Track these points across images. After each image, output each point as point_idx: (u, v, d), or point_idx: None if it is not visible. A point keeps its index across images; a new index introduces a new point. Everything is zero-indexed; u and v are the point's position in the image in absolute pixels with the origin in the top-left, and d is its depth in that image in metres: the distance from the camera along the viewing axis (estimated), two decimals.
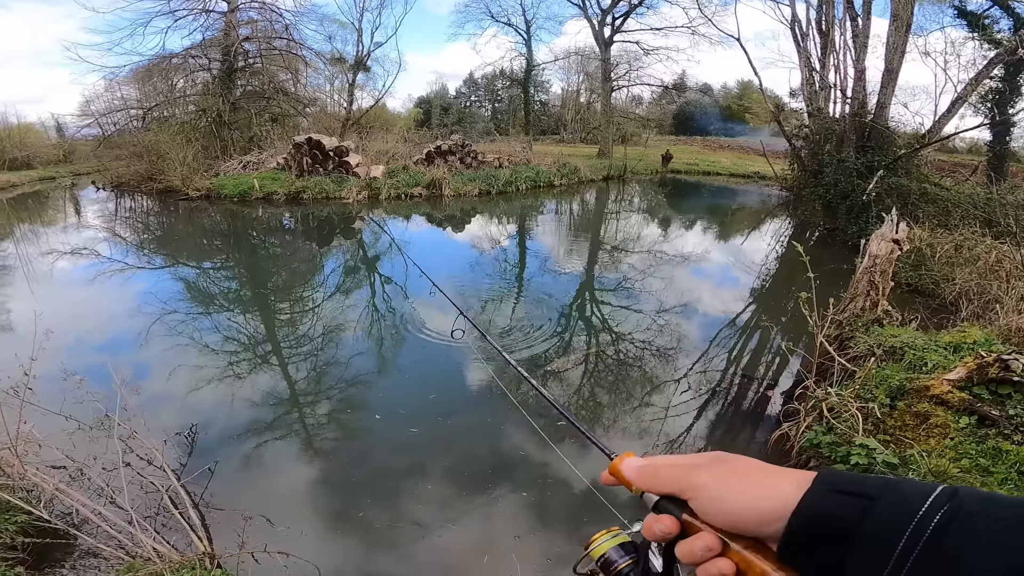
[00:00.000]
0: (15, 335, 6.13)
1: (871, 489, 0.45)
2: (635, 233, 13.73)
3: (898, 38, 12.02)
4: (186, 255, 10.98)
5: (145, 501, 3.25)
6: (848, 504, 0.45)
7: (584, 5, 27.40)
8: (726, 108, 43.57)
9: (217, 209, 15.84)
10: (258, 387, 5.02)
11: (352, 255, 11.13)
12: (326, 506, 3.49)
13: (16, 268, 9.61)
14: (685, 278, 9.27)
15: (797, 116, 18.89)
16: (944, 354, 4.25)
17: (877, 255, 5.70)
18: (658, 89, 34.46)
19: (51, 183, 24.42)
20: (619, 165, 24.63)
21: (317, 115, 25.42)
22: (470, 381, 5.28)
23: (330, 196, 16.61)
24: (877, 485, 0.46)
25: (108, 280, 8.72)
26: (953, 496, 0.42)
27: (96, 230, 13.55)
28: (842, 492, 0.46)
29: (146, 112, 21.56)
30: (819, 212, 13.33)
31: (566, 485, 3.67)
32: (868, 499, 0.44)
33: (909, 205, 10.50)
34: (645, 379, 5.37)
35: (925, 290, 7.63)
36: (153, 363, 5.52)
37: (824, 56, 14.12)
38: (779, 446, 3.94)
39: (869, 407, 3.64)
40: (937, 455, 3.17)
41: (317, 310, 7.54)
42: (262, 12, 22.24)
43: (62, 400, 3.83)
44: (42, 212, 17.86)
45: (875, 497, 0.44)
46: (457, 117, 41.74)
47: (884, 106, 12.53)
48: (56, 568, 2.87)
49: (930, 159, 13.89)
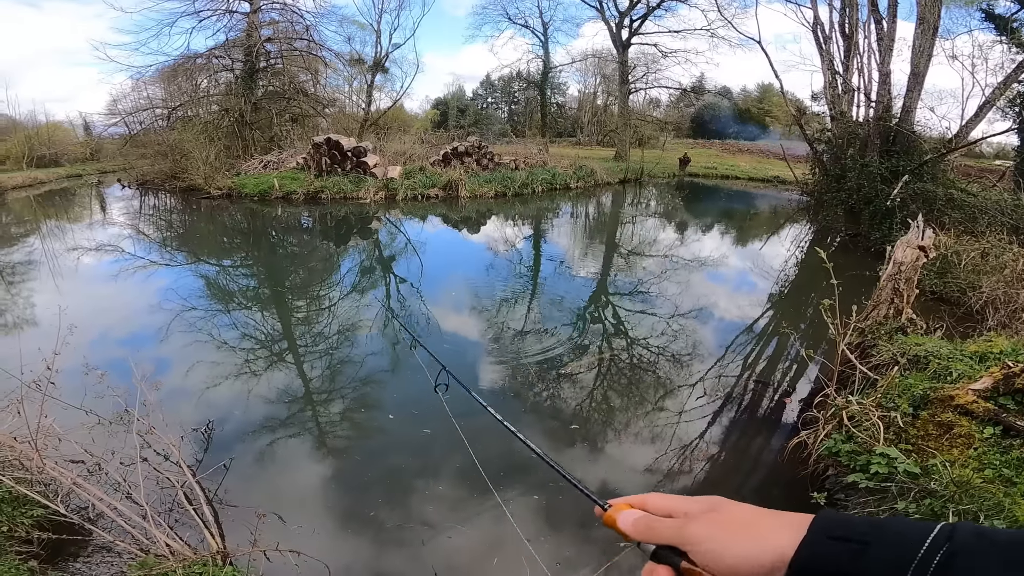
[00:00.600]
0: (40, 329, 6.28)
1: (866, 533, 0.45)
2: (651, 237, 13.63)
3: (924, 41, 11.76)
4: (207, 253, 11.17)
5: (160, 496, 3.29)
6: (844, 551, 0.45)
7: (602, 7, 27.37)
8: (746, 111, 43.09)
9: (238, 208, 16.09)
10: (274, 384, 5.07)
11: (368, 255, 11.21)
12: (338, 505, 3.50)
13: (42, 263, 9.85)
14: (701, 283, 9.17)
15: (819, 120, 18.58)
16: (970, 363, 4.14)
17: (902, 262, 5.56)
18: (676, 92, 34.24)
19: (78, 180, 25.04)
20: (636, 168, 24.49)
21: (336, 115, 25.70)
22: (483, 382, 5.27)
23: (348, 196, 16.77)
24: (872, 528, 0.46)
25: (131, 276, 8.90)
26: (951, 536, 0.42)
27: (120, 227, 13.85)
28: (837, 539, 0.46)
29: (171, 111, 22.03)
30: (841, 217, 13.09)
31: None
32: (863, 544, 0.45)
33: (935, 211, 10.26)
34: (659, 384, 5.31)
35: (950, 298, 7.45)
36: (172, 359, 5.61)
37: (847, 59, 13.86)
38: (796, 454, 3.88)
39: (891, 416, 3.57)
40: (960, 465, 3.09)
41: (333, 309, 7.61)
42: (283, 13, 22.60)
43: (83, 395, 3.91)
44: (68, 209, 18.30)
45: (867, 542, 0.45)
46: (474, 119, 41.89)
47: (910, 110, 12.27)
48: (69, 563, 2.90)
49: (956, 164, 13.58)
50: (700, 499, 0.56)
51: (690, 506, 0.56)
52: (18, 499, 2.88)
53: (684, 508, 0.56)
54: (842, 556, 0.45)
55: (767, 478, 3.96)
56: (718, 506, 0.54)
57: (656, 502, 0.58)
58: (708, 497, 0.55)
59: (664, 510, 0.57)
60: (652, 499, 0.59)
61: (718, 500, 0.55)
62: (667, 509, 0.57)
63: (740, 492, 3.77)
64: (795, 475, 3.75)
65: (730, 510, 0.53)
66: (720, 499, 0.55)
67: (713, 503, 0.55)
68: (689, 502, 0.56)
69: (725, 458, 4.16)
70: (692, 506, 0.55)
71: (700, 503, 0.55)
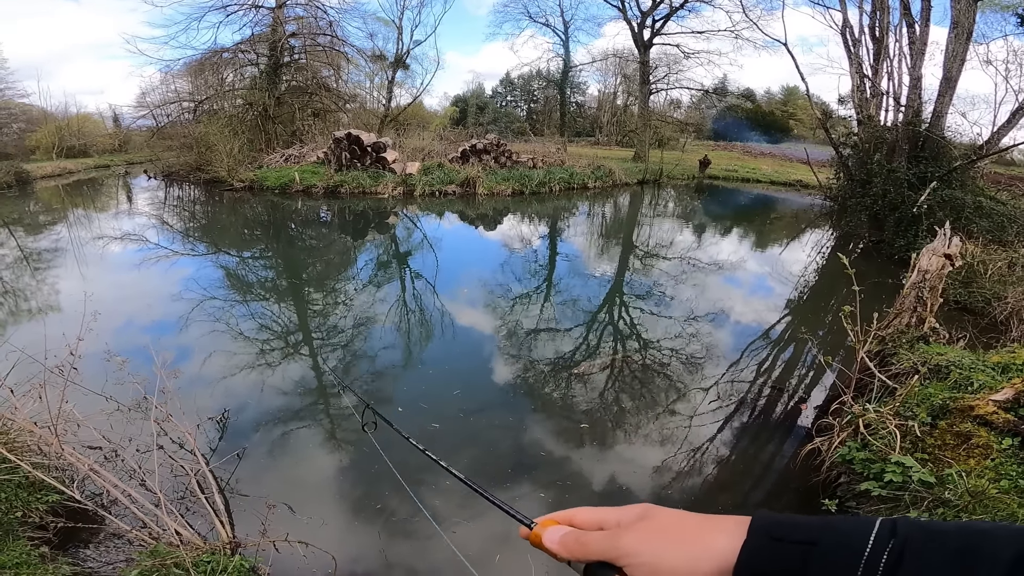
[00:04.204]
0: (64, 315, 6.45)
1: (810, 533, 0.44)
2: (668, 239, 13.50)
3: (958, 46, 11.45)
4: (227, 244, 11.35)
5: (174, 484, 3.36)
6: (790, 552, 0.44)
7: (623, 7, 27.03)
8: (769, 113, 42.37)
9: (259, 200, 16.33)
10: (288, 375, 5.13)
11: (385, 250, 11.30)
12: (346, 497, 3.53)
13: (68, 251, 10.11)
14: (718, 286, 9.06)
15: (845, 124, 18.20)
16: (992, 374, 4.04)
17: (927, 270, 5.44)
18: (698, 93, 33.81)
19: (105, 171, 25.65)
20: (655, 169, 24.23)
21: (356, 111, 25.95)
22: (496, 379, 5.28)
23: (366, 191, 16.91)
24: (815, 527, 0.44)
25: (154, 265, 9.09)
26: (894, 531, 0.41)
27: (146, 217, 14.15)
28: (781, 539, 0.45)
29: (197, 105, 22.44)
30: (864, 224, 12.81)
31: (586, 487, 3.63)
32: (808, 544, 0.43)
33: (962, 219, 9.99)
34: (671, 386, 5.26)
35: (975, 308, 7.26)
36: (192, 347, 5.72)
37: (877, 63, 13.54)
38: (808, 460, 3.83)
39: (909, 425, 3.51)
40: (976, 475, 3.04)
41: (348, 302, 7.68)
42: (308, 8, 22.87)
43: (104, 380, 4.00)
44: (96, 198, 18.75)
45: (815, 542, 0.43)
46: (493, 116, 41.87)
47: (940, 115, 11.94)
48: (80, 549, 2.93)
49: (986, 171, 13.20)
50: (630, 508, 0.53)
51: (620, 516, 0.53)
52: (34, 484, 2.91)
53: (615, 519, 0.53)
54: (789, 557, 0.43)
55: (778, 483, 3.92)
56: (650, 514, 0.52)
57: (584, 516, 0.56)
58: (638, 505, 0.53)
59: (594, 524, 0.54)
60: (580, 513, 0.56)
61: (649, 507, 0.53)
62: (597, 522, 0.54)
63: (750, 496, 3.74)
64: (807, 481, 3.71)
65: (663, 517, 0.51)
66: (651, 506, 0.53)
67: (644, 511, 0.52)
68: (619, 512, 0.54)
69: (736, 462, 4.12)
70: (623, 516, 0.53)
71: (630, 512, 0.53)
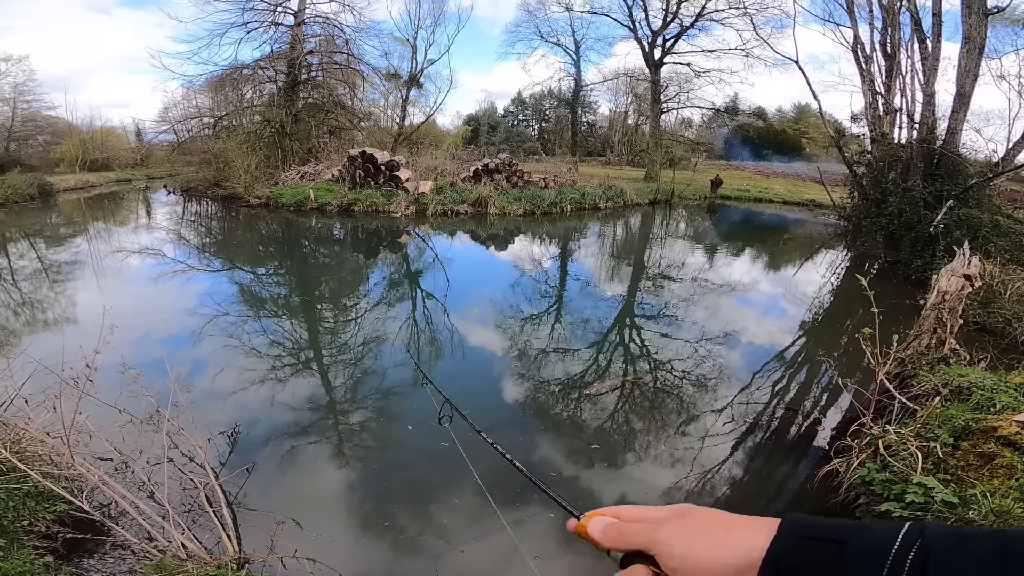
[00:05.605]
0: (81, 327, 6.53)
1: (839, 532, 0.45)
2: (679, 260, 13.44)
3: (970, 61, 11.42)
4: (242, 260, 11.50)
5: (183, 498, 3.35)
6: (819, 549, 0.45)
7: (634, 27, 27.44)
8: (781, 132, 42.40)
9: (274, 217, 16.56)
10: (298, 392, 5.14)
11: (396, 269, 11.37)
12: (355, 513, 3.50)
13: (87, 264, 10.29)
14: (730, 308, 8.97)
15: (858, 142, 18.13)
16: (1014, 395, 3.98)
17: (947, 291, 5.36)
18: (709, 112, 33.96)
19: (126, 185, 26.20)
20: (666, 189, 24.25)
21: (371, 129, 26.34)
22: (506, 398, 5.25)
23: (379, 209, 17.09)
24: (845, 528, 0.46)
25: (170, 280, 9.21)
26: (921, 533, 0.42)
27: (164, 231, 14.40)
28: (810, 538, 0.46)
29: (217, 120, 22.96)
30: (880, 244, 12.68)
31: (596, 508, 3.56)
32: (838, 543, 0.44)
33: (979, 238, 9.84)
34: (682, 407, 5.19)
35: (995, 329, 7.12)
36: (205, 361, 5.76)
37: (889, 80, 13.53)
38: (826, 482, 3.76)
39: (930, 446, 3.45)
40: (1000, 495, 2.96)
41: (359, 320, 7.71)
42: (325, 27, 23.44)
43: (119, 393, 4.02)
44: (116, 212, 19.14)
45: (844, 540, 0.44)
46: (504, 135, 42.32)
47: (955, 132, 11.85)
48: (85, 559, 2.92)
49: (1002, 189, 13.05)
50: (671, 506, 0.57)
51: (660, 513, 0.56)
52: (43, 494, 2.92)
53: (655, 515, 0.57)
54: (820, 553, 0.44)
55: (794, 504, 3.84)
56: (688, 512, 0.55)
57: (628, 511, 0.60)
58: (679, 505, 0.56)
59: (636, 519, 0.58)
60: (625, 509, 0.60)
61: (689, 507, 0.56)
62: (639, 517, 0.58)
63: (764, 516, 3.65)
64: (824, 503, 3.63)
65: (700, 514, 0.54)
66: (691, 506, 0.56)
67: (684, 509, 0.55)
68: (660, 510, 0.57)
69: (749, 482, 4.04)
70: (663, 512, 0.56)
71: (670, 509, 0.56)
